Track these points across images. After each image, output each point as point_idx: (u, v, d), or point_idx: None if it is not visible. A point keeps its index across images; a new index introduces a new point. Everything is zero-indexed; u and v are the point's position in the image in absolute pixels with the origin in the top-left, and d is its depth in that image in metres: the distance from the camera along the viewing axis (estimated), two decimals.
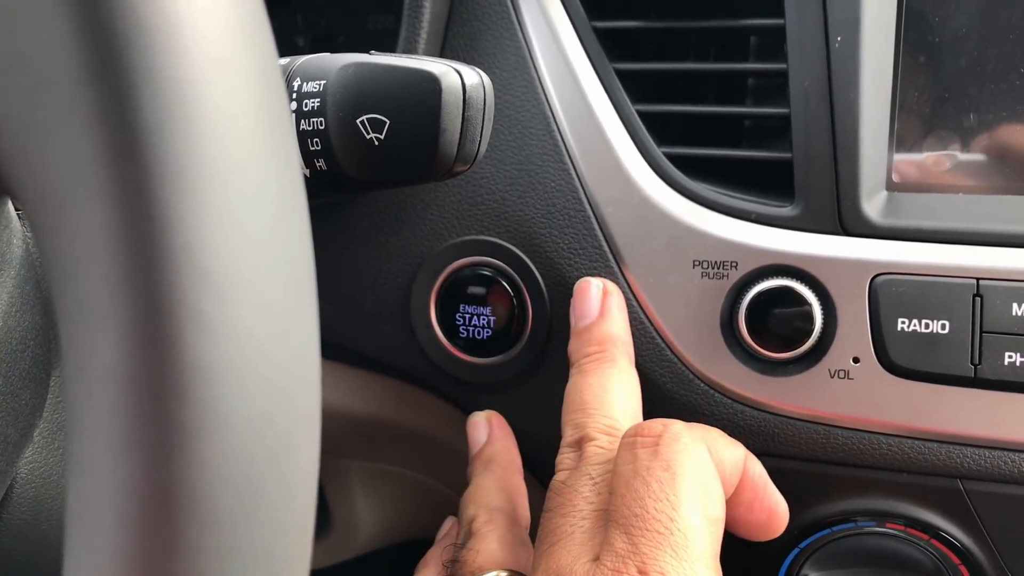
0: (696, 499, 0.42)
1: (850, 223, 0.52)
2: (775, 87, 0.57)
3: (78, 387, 0.22)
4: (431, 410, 0.63)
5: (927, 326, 0.50)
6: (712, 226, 0.54)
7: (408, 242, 0.59)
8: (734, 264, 0.53)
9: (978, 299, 0.50)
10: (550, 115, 0.57)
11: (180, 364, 0.22)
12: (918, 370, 0.50)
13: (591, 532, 0.44)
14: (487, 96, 0.39)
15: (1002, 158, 0.52)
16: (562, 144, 0.56)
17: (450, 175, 0.39)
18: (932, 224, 0.51)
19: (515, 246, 0.57)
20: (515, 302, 0.57)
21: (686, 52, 0.59)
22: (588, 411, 0.50)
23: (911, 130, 0.53)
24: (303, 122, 0.40)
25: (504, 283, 0.57)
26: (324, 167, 0.41)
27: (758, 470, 0.50)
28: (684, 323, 0.54)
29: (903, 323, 0.50)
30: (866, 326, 0.51)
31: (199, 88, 0.22)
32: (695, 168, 0.56)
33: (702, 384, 0.54)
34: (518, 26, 0.58)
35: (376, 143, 0.38)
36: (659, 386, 0.55)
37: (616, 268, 0.55)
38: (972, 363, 0.49)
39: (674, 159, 0.55)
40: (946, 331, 0.50)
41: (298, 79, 0.41)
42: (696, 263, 0.54)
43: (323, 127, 0.39)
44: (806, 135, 0.53)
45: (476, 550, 0.50)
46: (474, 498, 0.54)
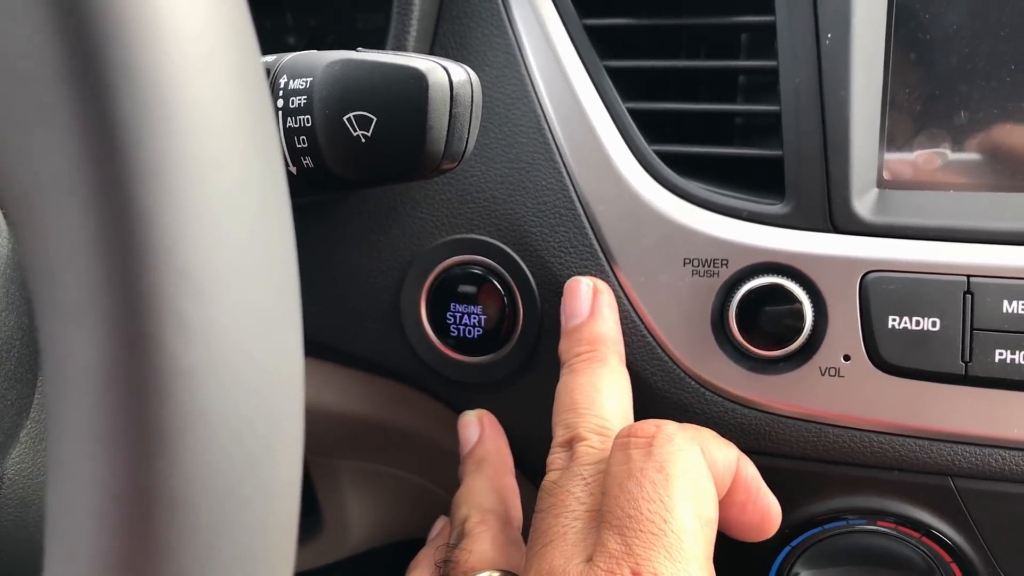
0: (689, 500, 0.42)
1: (841, 221, 0.52)
2: (766, 85, 0.57)
3: (57, 387, 0.22)
4: (422, 410, 0.63)
5: (918, 323, 0.50)
6: (703, 224, 0.54)
7: (398, 241, 0.59)
8: (724, 262, 0.53)
9: (969, 296, 0.49)
10: (540, 113, 0.57)
11: (160, 366, 0.21)
12: (909, 368, 0.50)
13: (584, 533, 0.44)
14: (475, 93, 0.39)
15: (993, 155, 0.52)
16: (552, 142, 0.56)
17: (438, 173, 0.39)
18: (923, 221, 0.51)
19: (506, 244, 0.57)
20: (506, 301, 0.57)
21: (677, 50, 0.59)
22: (579, 411, 0.50)
23: (902, 128, 0.53)
24: (289, 119, 0.39)
25: (495, 282, 0.57)
26: (311, 165, 0.41)
27: (751, 471, 0.50)
28: (675, 321, 0.54)
29: (894, 320, 0.50)
30: (857, 324, 0.51)
31: (178, 85, 0.22)
32: (686, 166, 0.55)
33: (693, 382, 0.54)
34: (508, 24, 0.58)
35: (363, 140, 0.38)
36: (650, 384, 0.55)
37: (607, 266, 0.55)
38: (963, 360, 0.49)
39: (665, 157, 0.55)
40: (937, 328, 0.50)
41: (284, 76, 0.40)
42: (687, 261, 0.54)
43: (309, 124, 0.39)
44: (797, 133, 0.52)
45: (469, 551, 0.50)
46: (466, 498, 0.54)
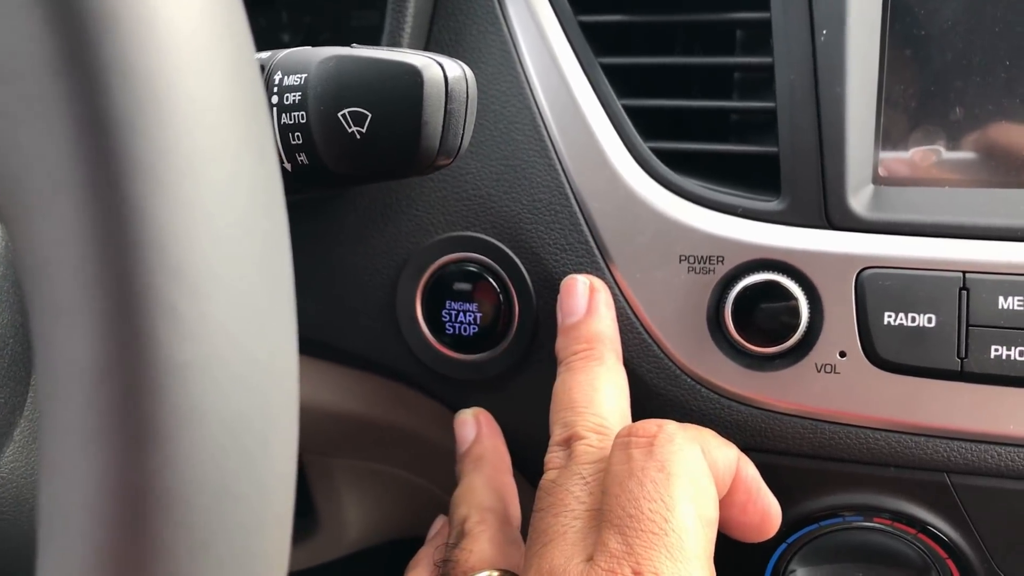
0: (690, 500, 0.42)
1: (836, 217, 0.52)
2: (762, 81, 0.57)
3: (50, 384, 0.22)
4: (417, 408, 0.63)
5: (913, 320, 0.50)
6: (698, 221, 0.54)
7: (393, 238, 0.59)
8: (720, 259, 0.53)
9: (964, 292, 0.49)
10: (535, 110, 0.56)
11: (153, 361, 0.21)
12: (905, 364, 0.50)
13: (584, 532, 0.43)
14: (469, 89, 0.39)
15: (988, 152, 0.52)
16: (548, 139, 0.56)
17: (433, 169, 0.39)
18: (918, 218, 0.51)
19: (501, 242, 0.57)
20: (501, 298, 0.57)
21: (672, 46, 0.59)
22: (577, 409, 0.50)
23: (897, 124, 0.53)
24: (284, 116, 0.39)
25: (490, 279, 0.57)
26: (306, 161, 0.40)
27: (751, 472, 0.50)
28: (671, 318, 0.54)
29: (889, 317, 0.50)
30: (852, 320, 0.51)
31: (171, 80, 0.21)
32: (682, 162, 0.55)
33: (689, 379, 0.54)
34: (503, 20, 0.57)
35: (358, 136, 0.37)
36: (646, 381, 0.55)
37: (602, 263, 0.55)
38: (959, 357, 0.49)
39: (660, 154, 0.55)
40: (932, 325, 0.50)
41: (279, 72, 0.40)
42: (682, 258, 0.54)
43: (304, 121, 0.38)
44: (792, 129, 0.52)
45: (468, 550, 0.50)
46: (465, 498, 0.54)
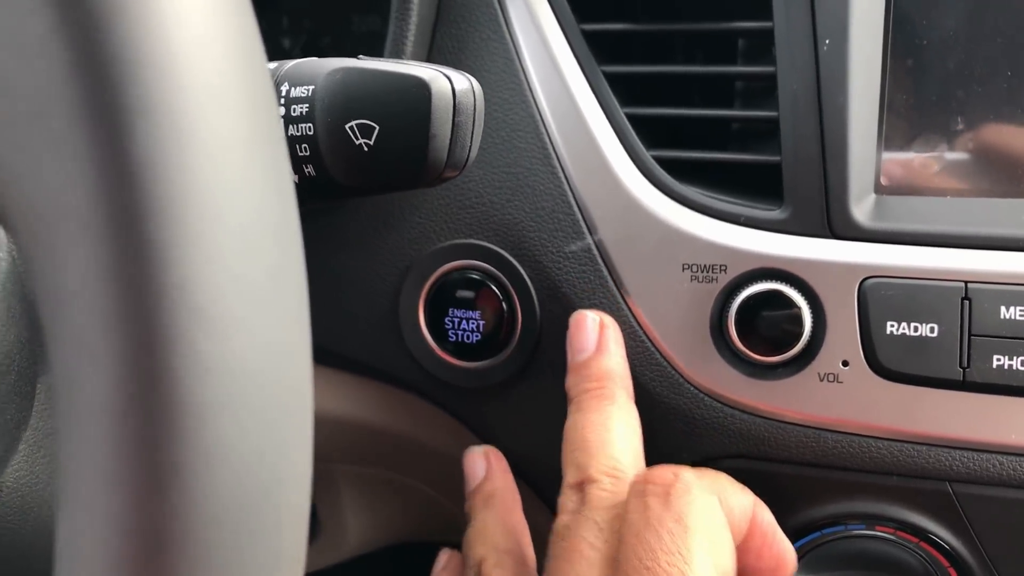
0: (707, 552, 0.42)
1: (839, 226, 0.52)
2: (763, 89, 0.57)
3: (70, 421, 0.22)
4: (418, 414, 0.63)
5: (916, 329, 0.50)
6: (701, 229, 0.54)
7: (396, 246, 0.59)
8: (723, 268, 0.53)
9: (966, 302, 0.50)
10: (538, 117, 0.57)
11: (175, 402, 0.21)
12: (907, 373, 0.50)
13: None
14: (477, 101, 0.39)
15: (990, 161, 0.52)
16: (550, 147, 0.56)
17: (440, 181, 0.39)
18: (920, 227, 0.51)
19: (504, 249, 0.57)
20: (504, 306, 0.57)
21: (673, 54, 0.59)
22: (590, 451, 0.49)
23: (899, 133, 0.53)
24: (291, 127, 0.39)
25: (493, 287, 0.57)
26: (313, 173, 0.40)
27: (767, 517, 0.50)
28: (673, 327, 0.54)
29: (892, 326, 0.50)
30: (855, 329, 0.51)
31: (194, 121, 0.21)
32: (684, 171, 0.55)
33: (692, 388, 0.54)
34: (506, 28, 0.58)
35: (365, 148, 0.38)
36: (649, 391, 0.55)
37: (605, 271, 0.55)
38: (961, 366, 0.50)
39: (663, 162, 0.55)
40: (935, 334, 0.50)
41: (286, 84, 0.40)
42: (685, 266, 0.54)
43: (311, 132, 0.38)
44: (794, 138, 0.53)
45: None
46: (480, 538, 0.53)
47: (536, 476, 0.60)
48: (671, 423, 0.55)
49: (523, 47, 0.57)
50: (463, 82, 0.38)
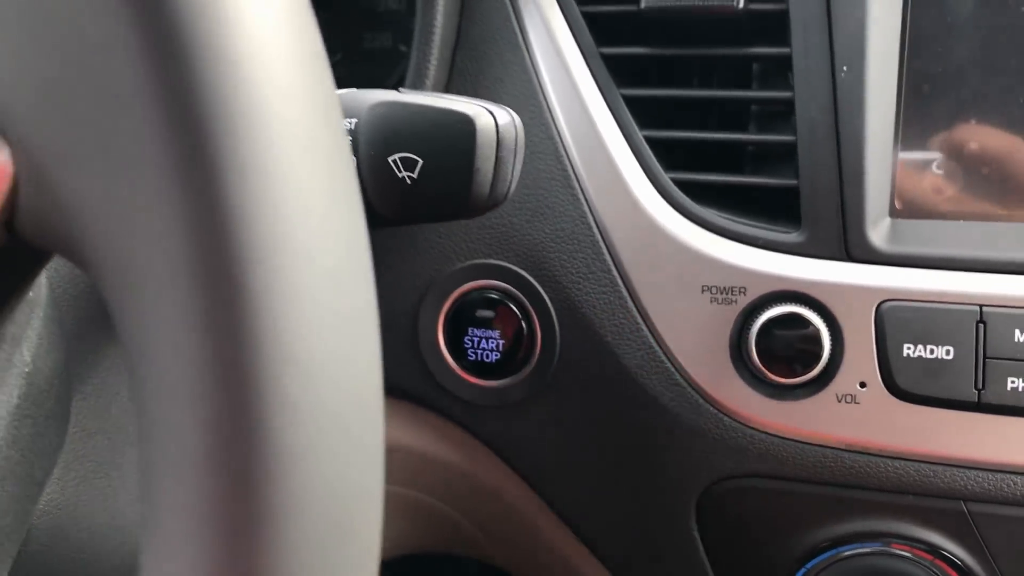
0: None
1: (856, 250, 0.53)
2: (778, 113, 0.58)
3: (160, 467, 0.22)
4: (436, 431, 0.63)
5: (932, 352, 0.51)
6: (720, 252, 0.55)
7: (416, 265, 0.59)
8: (742, 290, 0.54)
9: (982, 326, 0.51)
10: (558, 139, 0.57)
11: (267, 451, 0.22)
12: (924, 395, 0.51)
13: None
14: (519, 135, 0.39)
15: (1004, 185, 0.53)
16: (570, 169, 0.57)
17: (480, 213, 0.40)
18: (936, 251, 0.52)
19: (524, 270, 0.58)
20: (524, 325, 0.58)
21: (689, 77, 0.60)
22: None
23: (914, 158, 0.54)
24: None
25: (512, 306, 0.58)
26: None
27: None
28: (693, 347, 0.55)
29: (909, 349, 0.51)
30: (872, 352, 0.52)
31: (285, 174, 0.22)
32: (702, 193, 0.56)
33: (712, 408, 0.55)
34: (526, 51, 0.58)
35: (408, 182, 0.38)
36: (669, 411, 0.56)
37: (625, 292, 0.56)
38: (976, 388, 0.51)
39: (681, 184, 0.56)
40: (951, 357, 0.51)
41: None
42: (705, 288, 0.55)
43: (355, 165, 0.39)
44: (812, 163, 0.53)
45: None
46: None
47: (552, 493, 0.61)
48: (690, 443, 0.56)
49: (543, 70, 0.58)
50: (505, 116, 0.38)
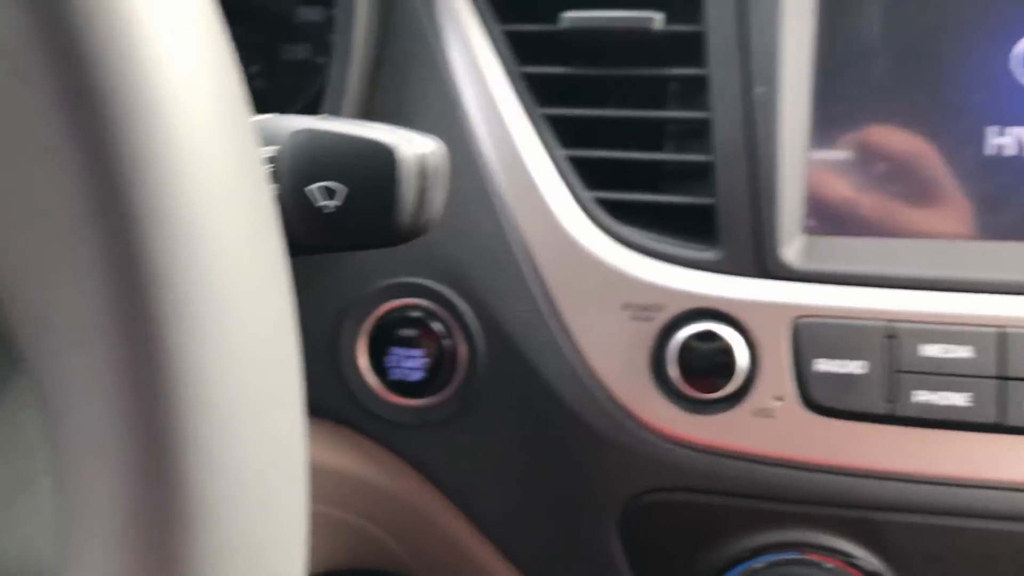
0: None
1: (770, 267, 0.54)
2: (692, 131, 0.58)
3: (77, 522, 0.22)
4: (360, 451, 0.63)
5: (845, 366, 0.53)
6: (639, 270, 0.55)
7: (336, 285, 0.58)
8: (660, 307, 0.55)
9: (890, 340, 0.52)
10: (479, 158, 0.57)
11: (186, 503, 0.21)
12: (837, 408, 0.53)
13: None
14: (441, 164, 0.39)
15: (914, 203, 0.55)
16: (491, 187, 0.57)
17: (403, 242, 0.39)
18: (848, 268, 0.54)
19: (446, 288, 0.57)
20: (446, 344, 0.57)
21: (609, 96, 0.60)
22: None
23: (827, 176, 0.56)
24: None
25: (434, 325, 0.57)
26: None
27: None
28: (615, 364, 0.56)
29: (822, 364, 0.53)
30: (788, 367, 0.53)
31: (203, 223, 0.22)
32: (623, 211, 0.57)
33: (632, 423, 0.56)
34: (446, 69, 0.58)
35: (329, 211, 0.38)
36: (591, 425, 0.56)
37: (547, 310, 0.56)
38: (887, 401, 0.52)
39: (602, 203, 0.57)
40: (863, 371, 0.53)
41: None
42: (625, 306, 0.55)
43: (277, 193, 0.38)
44: (728, 182, 0.55)
45: None
46: None
47: (476, 510, 0.61)
48: (612, 458, 0.56)
49: (464, 88, 0.58)
50: (428, 146, 0.38)
